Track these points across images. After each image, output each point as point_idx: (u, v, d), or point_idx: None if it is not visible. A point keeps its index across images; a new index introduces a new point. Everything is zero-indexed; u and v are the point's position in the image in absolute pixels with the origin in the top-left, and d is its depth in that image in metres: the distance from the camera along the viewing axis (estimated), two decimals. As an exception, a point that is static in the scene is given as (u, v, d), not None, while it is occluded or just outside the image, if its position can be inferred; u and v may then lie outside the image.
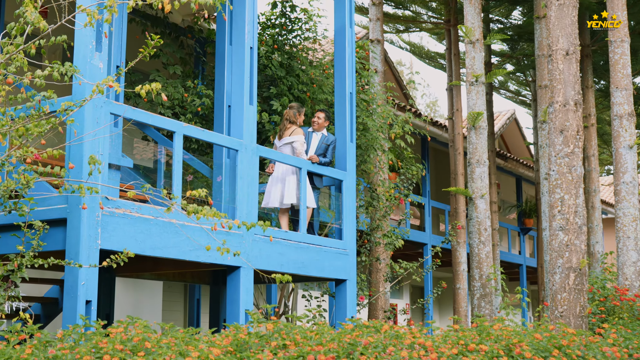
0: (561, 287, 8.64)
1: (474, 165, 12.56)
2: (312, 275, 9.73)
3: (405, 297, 24.01)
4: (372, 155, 11.58)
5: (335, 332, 5.57)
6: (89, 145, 7.24)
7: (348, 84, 10.68)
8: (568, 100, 8.90)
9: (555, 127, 8.78)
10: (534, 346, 5.87)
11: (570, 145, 8.83)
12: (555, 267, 8.73)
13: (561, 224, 8.79)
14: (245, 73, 9.04)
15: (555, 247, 8.79)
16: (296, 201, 9.78)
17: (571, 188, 8.80)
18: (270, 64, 12.00)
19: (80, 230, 6.99)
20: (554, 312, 8.66)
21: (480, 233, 12.47)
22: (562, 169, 8.83)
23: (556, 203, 8.79)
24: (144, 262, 9.61)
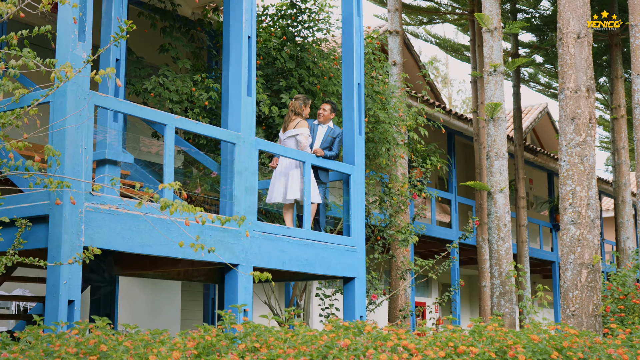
0: (573, 285, 8.18)
1: (492, 158, 12.10)
2: (317, 274, 9.39)
3: (434, 295, 23.55)
4: (384, 149, 11.18)
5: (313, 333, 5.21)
6: (71, 138, 6.95)
7: (356, 75, 10.30)
8: (579, 86, 8.42)
9: (566, 114, 8.31)
10: (531, 348, 5.46)
11: (582, 134, 8.35)
12: (567, 263, 8.27)
13: (572, 218, 8.32)
14: (243, 63, 8.71)
15: (567, 242, 8.33)
16: (300, 196, 9.44)
17: (583, 179, 8.32)
18: (280, 56, 11.67)
19: (62, 227, 6.72)
20: (565, 310, 8.20)
21: (499, 229, 12.01)
22: (574, 159, 8.36)
23: (567, 195, 8.32)
24: (142, 260, 9.34)
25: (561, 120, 8.47)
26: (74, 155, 6.92)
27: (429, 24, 20.00)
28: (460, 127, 20.22)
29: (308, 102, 9.93)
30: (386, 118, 11.12)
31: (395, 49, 15.24)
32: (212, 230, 8.05)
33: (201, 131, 8.23)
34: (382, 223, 11.58)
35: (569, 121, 8.32)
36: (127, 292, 14.06)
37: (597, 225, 8.35)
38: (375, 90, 11.72)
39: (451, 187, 20.49)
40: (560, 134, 8.47)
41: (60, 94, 7.02)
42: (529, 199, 26.21)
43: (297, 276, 10.43)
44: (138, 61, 12.77)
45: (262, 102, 11.45)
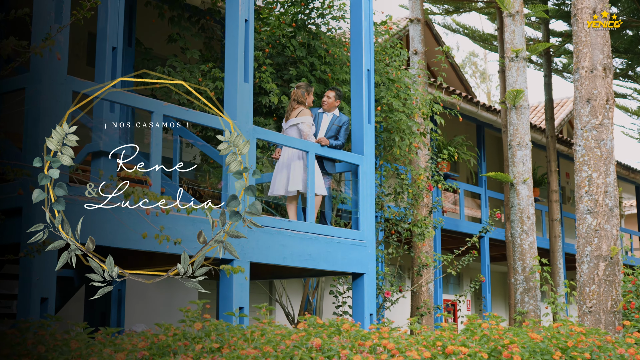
0: (589, 279, 7.57)
1: (514, 147, 11.50)
2: (322, 269, 8.89)
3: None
4: (398, 139, 10.64)
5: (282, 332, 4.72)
6: (45, 125, 6.54)
7: (365, 60, 9.78)
8: (595, 65, 7.81)
9: (581, 96, 7.70)
10: (531, 348, 4.92)
11: (599, 116, 7.74)
12: (583, 255, 7.67)
13: (589, 206, 7.72)
14: (239, 47, 8.24)
15: (583, 233, 7.72)
16: (303, 188, 8.96)
17: (600, 165, 7.71)
18: (290, 43, 11.19)
19: (35, 220, 6.30)
20: (582, 307, 7.60)
21: (522, 221, 11.41)
22: (590, 144, 7.75)
23: (583, 182, 7.72)
24: (137, 256, 8.93)
25: (576, 102, 7.87)
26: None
27: (456, 12, 19.37)
28: (490, 119, 19.57)
29: (311, 90, 9.45)
30: (400, 106, 10.58)
31: (416, 37, 14.68)
32: (206, 223, 7.58)
33: (191, 119, 7.78)
34: (396, 216, 11.04)
35: (584, 103, 7.71)
36: (141, 291, 13.71)
37: (615, 214, 7.74)
38: (390, 78, 11.19)
39: (481, 181, 19.86)
40: (575, 117, 7.87)
41: (35, 79, 6.63)
42: (565, 193, 25.42)
43: (303, 272, 9.95)
44: (146, 52, 12.40)
45: (272, 91, 11.00)
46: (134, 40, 12.09)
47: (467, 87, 22.52)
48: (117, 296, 11.73)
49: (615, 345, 5.29)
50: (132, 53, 12.06)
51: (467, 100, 18.08)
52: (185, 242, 7.42)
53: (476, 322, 5.26)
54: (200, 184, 11.45)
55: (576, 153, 7.88)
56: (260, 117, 11.68)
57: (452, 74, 22.00)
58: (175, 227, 7.33)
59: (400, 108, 10.59)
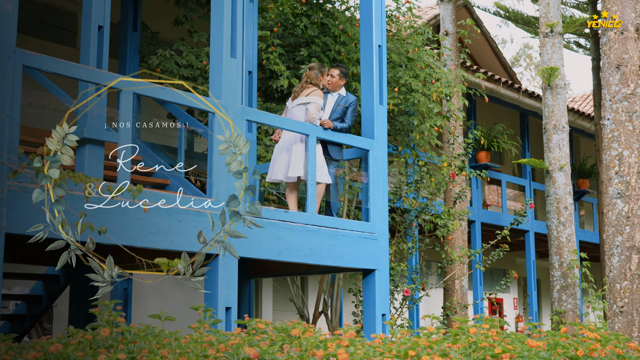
0: (620, 274, 6.54)
1: (550, 131, 10.46)
2: (325, 265, 8.00)
3: (513, 291, 21.76)
4: (417, 122, 9.70)
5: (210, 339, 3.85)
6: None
7: (376, 35, 8.87)
8: (627, 26, 6.76)
9: (610, 61, 6.67)
10: (529, 358, 3.97)
11: (631, 84, 6.70)
12: (613, 246, 6.64)
13: (620, 190, 6.68)
14: (225, 19, 7.40)
15: (613, 220, 6.69)
16: (304, 174, 8.09)
17: (632, 141, 6.67)
18: (299, 21, 10.32)
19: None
20: (612, 306, 6.57)
21: (559, 212, 10.37)
22: (620, 117, 6.71)
23: (613, 162, 6.69)
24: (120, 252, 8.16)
25: (604, 69, 6.85)
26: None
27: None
28: (534, 107, 18.41)
29: (324, 71, 8.58)
30: (419, 86, 9.62)
31: (447, 17, 13.69)
32: (185, 214, 6.78)
33: (168, 98, 6.97)
34: (417, 207, 10.08)
35: (614, 69, 6.68)
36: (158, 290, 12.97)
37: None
38: (410, 57, 10.24)
39: (525, 172, 18.71)
40: (603, 87, 6.85)
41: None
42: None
43: (311, 269, 9.07)
44: (153, 37, 11.68)
45: (282, 74, 10.17)
46: (139, 24, 11.36)
47: (511, 73, 21.38)
48: (122, 296, 11.02)
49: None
50: (137, 38, 11.33)
51: (507, 86, 16.98)
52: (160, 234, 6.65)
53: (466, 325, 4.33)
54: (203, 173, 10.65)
55: (604, 128, 6.86)
56: (272, 102, 10.86)
57: (494, 59, 20.89)
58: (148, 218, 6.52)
59: (420, 88, 9.64)
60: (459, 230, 12.89)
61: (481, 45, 20.98)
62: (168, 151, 11.67)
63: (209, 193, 7.14)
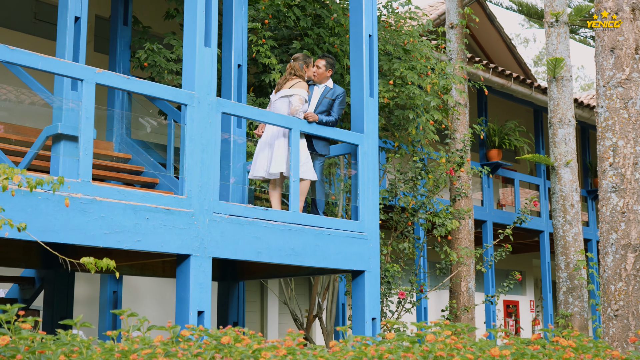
0: (615, 274, 6.02)
1: (555, 125, 9.97)
2: (309, 266, 7.57)
3: (529, 293, 21.18)
4: (412, 116, 9.24)
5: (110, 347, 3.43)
6: None
7: (366, 24, 8.43)
8: (621, 5, 6.26)
9: (603, 44, 6.16)
10: (491, 369, 3.53)
11: (626, 68, 6.19)
12: (607, 244, 6.13)
13: (614, 183, 6.16)
14: (199, 5, 6.99)
15: (607, 216, 6.18)
16: (287, 170, 7.67)
17: (628, 130, 6.15)
18: (292, 12, 9.90)
19: None
20: (606, 310, 6.07)
21: (565, 210, 9.87)
22: (614, 104, 6.20)
23: (606, 153, 6.18)
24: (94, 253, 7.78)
25: (597, 52, 6.36)
26: None
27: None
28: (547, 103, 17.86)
29: (310, 62, 8.15)
30: (414, 78, 9.17)
31: (452, 9, 13.19)
32: (152, 212, 6.38)
33: (135, 89, 6.57)
34: (413, 205, 9.63)
35: (608, 53, 6.18)
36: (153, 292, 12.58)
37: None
38: (407, 49, 9.78)
39: (539, 171, 18.15)
40: (596, 72, 6.36)
41: None
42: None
43: (300, 270, 8.65)
44: (144, 31, 11.32)
45: (274, 68, 9.77)
46: (130, 18, 10.99)
47: (527, 70, 20.82)
48: (111, 299, 10.65)
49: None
50: (128, 32, 10.96)
51: (519, 82, 16.44)
52: (124, 233, 6.26)
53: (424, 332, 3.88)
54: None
55: (598, 117, 6.36)
56: (266, 97, 10.45)
57: (508, 56, 20.35)
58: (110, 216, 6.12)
59: (416, 81, 9.18)
60: (465, 230, 12.41)
61: (494, 42, 20.46)
62: (160, 149, 11.31)
63: (181, 190, 6.73)
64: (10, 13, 11.81)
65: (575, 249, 9.76)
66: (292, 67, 8.02)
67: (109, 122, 11.14)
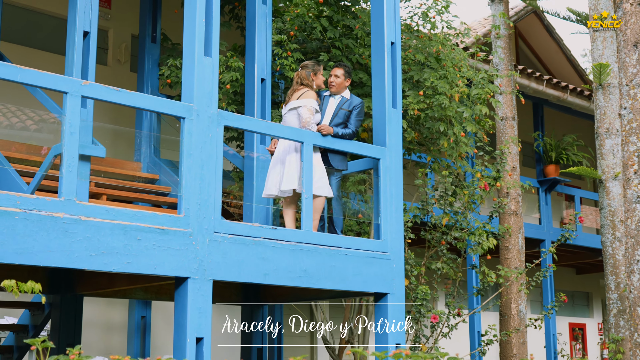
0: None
1: (602, 136, 9.28)
2: (324, 288, 7.08)
3: (597, 314, 20.20)
4: (444, 128, 8.68)
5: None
6: None
7: (387, 31, 7.95)
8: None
9: (626, 39, 5.53)
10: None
11: (652, 65, 5.55)
12: (633, 261, 5.47)
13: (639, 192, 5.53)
14: (198, 13, 6.61)
15: (632, 230, 5.51)
16: (299, 187, 7.21)
17: (656, 133, 5.51)
18: (318, 23, 9.48)
19: None
20: (632, 335, 5.41)
21: (614, 227, 9.15)
22: (639, 104, 5.57)
23: (631, 159, 5.52)
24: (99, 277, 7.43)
25: (620, 47, 5.73)
26: None
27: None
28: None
29: (319, 69, 7.68)
30: (445, 88, 8.62)
31: (498, 18, 12.59)
32: (145, 232, 5.99)
33: (126, 102, 6.19)
34: (447, 223, 9.04)
35: (631, 48, 5.53)
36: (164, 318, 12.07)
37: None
38: (438, 58, 9.25)
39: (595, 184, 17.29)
40: (619, 69, 5.73)
41: None
42: None
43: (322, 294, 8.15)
44: (173, 48, 11.07)
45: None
46: (158, 35, 10.77)
47: (588, 82, 19.95)
48: (140, 324, 10.34)
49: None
50: (156, 50, 10.73)
51: (576, 94, 15.70)
52: (112, 255, 5.87)
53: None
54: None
55: (621, 120, 5.72)
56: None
57: (568, 67, 19.53)
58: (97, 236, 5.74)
59: (447, 91, 8.64)
60: (514, 249, 11.75)
61: (554, 54, 19.68)
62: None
63: (178, 208, 6.32)
64: (21, 28, 11.64)
65: (626, 268, 9.02)
66: (299, 75, 7.58)
67: (137, 142, 10.89)
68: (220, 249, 6.39)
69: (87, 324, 10.04)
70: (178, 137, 6.58)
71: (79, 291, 7.76)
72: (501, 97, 11.99)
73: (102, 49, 12.82)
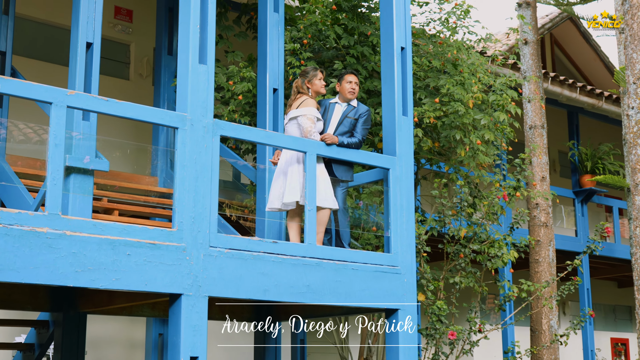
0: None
1: (629, 142, 8.81)
2: (329, 304, 6.77)
3: (639, 329, 19.51)
4: (460, 136, 8.33)
5: None
6: None
7: (397, 36, 7.65)
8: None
9: (633, 33, 5.14)
10: None
11: (662, 61, 5.14)
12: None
13: (651, 200, 5.10)
14: (192, 19, 6.38)
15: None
16: (302, 199, 6.93)
17: (666, 136, 5.09)
18: (332, 31, 9.22)
19: None
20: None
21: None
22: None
23: (639, 163, 5.15)
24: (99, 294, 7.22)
25: (626, 43, 5.35)
26: None
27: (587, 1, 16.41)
28: None
29: (316, 75, 7.34)
30: (461, 95, 8.29)
31: (528, 23, 12.19)
32: (134, 247, 5.75)
33: (115, 112, 5.98)
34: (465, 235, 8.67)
35: (638, 42, 5.13)
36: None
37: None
38: (456, 64, 8.92)
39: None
40: (626, 67, 5.34)
41: None
42: None
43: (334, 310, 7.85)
44: (190, 60, 10.88)
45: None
46: (174, 47, 10.61)
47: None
48: (156, 342, 10.14)
49: None
50: (172, 62, 10.56)
51: (611, 101, 15.19)
52: (99, 271, 5.65)
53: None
54: (234, 205, 9.66)
55: (628, 120, 5.33)
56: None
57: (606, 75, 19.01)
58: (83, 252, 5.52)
59: (464, 98, 8.30)
60: (545, 263, 11.30)
61: (592, 61, 19.20)
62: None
63: (172, 221, 6.08)
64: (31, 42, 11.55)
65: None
66: (296, 83, 7.31)
67: (154, 156, 10.73)
68: (217, 264, 6.12)
69: (108, 341, 9.90)
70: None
71: (81, 309, 7.56)
72: (529, 104, 11.58)
73: (124, 63, 12.73)
